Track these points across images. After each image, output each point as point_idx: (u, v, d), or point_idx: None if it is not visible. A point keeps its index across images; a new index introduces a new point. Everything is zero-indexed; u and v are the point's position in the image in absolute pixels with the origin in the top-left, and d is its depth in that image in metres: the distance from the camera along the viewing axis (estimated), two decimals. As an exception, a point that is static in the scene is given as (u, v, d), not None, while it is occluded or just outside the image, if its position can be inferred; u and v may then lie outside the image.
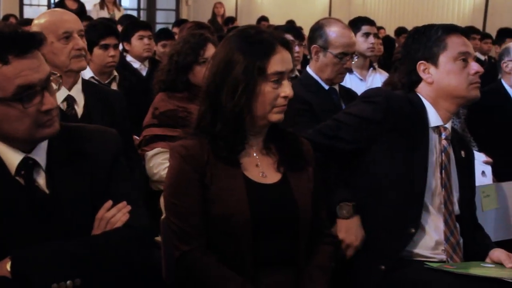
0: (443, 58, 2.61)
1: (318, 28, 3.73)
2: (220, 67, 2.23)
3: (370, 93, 2.70)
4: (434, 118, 2.64)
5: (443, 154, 2.60)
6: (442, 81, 2.62)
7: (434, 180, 2.56)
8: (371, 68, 5.19)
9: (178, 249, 2.21)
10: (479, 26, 11.53)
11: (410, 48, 2.72)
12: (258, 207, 2.20)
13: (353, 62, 3.77)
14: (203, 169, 2.20)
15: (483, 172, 3.78)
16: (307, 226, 2.29)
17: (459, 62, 2.59)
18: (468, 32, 2.72)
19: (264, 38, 2.24)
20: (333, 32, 3.67)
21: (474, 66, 2.59)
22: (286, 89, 2.23)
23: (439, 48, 2.62)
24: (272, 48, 2.22)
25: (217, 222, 2.19)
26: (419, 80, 2.68)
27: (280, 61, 2.23)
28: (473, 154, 2.84)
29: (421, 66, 2.66)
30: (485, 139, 4.35)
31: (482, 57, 9.35)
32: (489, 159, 3.93)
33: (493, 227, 2.98)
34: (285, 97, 2.24)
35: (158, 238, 2.45)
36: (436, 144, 2.61)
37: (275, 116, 2.25)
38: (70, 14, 3.18)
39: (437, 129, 2.64)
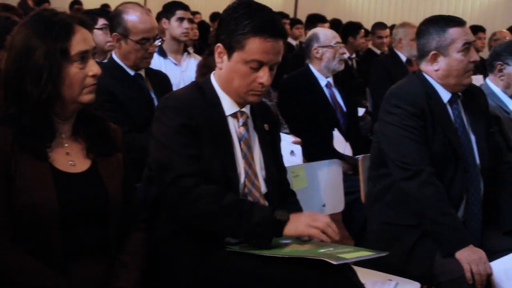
0: (236, 56, 2.46)
1: (116, 15, 3.66)
2: (19, 54, 2.13)
3: (167, 103, 2.52)
4: (228, 105, 2.56)
5: (241, 142, 2.57)
6: (227, 75, 2.51)
7: (238, 167, 2.53)
8: (186, 53, 5.22)
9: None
10: (290, 12, 11.94)
11: (219, 30, 2.56)
12: (66, 197, 2.14)
13: (157, 46, 3.74)
14: (7, 160, 2.10)
15: (292, 152, 3.93)
16: (117, 214, 2.27)
17: (249, 68, 2.45)
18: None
19: (61, 19, 2.17)
20: (131, 18, 3.59)
21: (263, 78, 2.46)
22: (93, 67, 2.19)
23: (237, 44, 2.45)
24: (71, 28, 2.15)
25: (24, 214, 2.10)
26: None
27: (82, 40, 2.17)
28: (278, 126, 2.84)
29: (218, 48, 2.53)
30: (295, 121, 4.52)
31: (294, 42, 9.69)
32: (298, 139, 4.11)
33: (302, 206, 3.08)
34: (93, 76, 2.19)
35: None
36: (236, 131, 2.58)
37: (86, 97, 2.20)
38: None
39: (235, 115, 2.59)
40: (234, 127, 2.58)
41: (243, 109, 2.60)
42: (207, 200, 2.37)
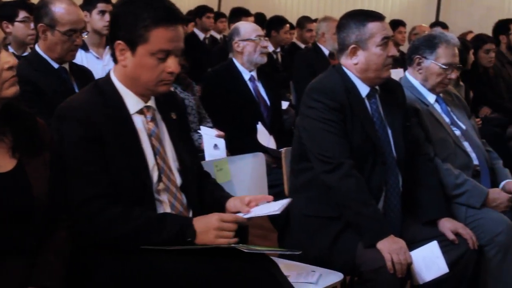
0: (141, 50, 2.42)
1: (42, 6, 3.60)
2: None
3: (65, 113, 2.42)
4: (133, 103, 2.51)
5: (152, 138, 2.53)
6: (133, 71, 2.46)
7: (150, 167, 2.49)
8: (108, 47, 5.14)
9: None
10: (214, 6, 11.91)
11: (116, 27, 2.49)
12: None
13: (84, 38, 3.71)
14: None
15: (215, 145, 3.93)
16: (42, 213, 2.21)
17: (156, 59, 2.43)
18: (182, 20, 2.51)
19: None
20: (59, 9, 3.56)
21: (172, 66, 2.45)
22: (8, 59, 2.12)
23: (140, 38, 2.41)
24: None
25: None
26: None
27: None
28: (185, 112, 2.79)
29: (119, 46, 2.46)
30: (218, 115, 4.52)
31: (218, 36, 9.68)
32: (221, 133, 4.11)
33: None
34: (10, 68, 2.12)
35: None
36: (145, 127, 2.53)
37: (10, 91, 2.13)
38: None
39: (141, 111, 2.54)
40: (143, 124, 2.53)
41: (149, 103, 2.55)
42: (114, 226, 2.34)
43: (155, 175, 2.49)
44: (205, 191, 2.71)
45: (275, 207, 2.51)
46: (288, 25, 8.59)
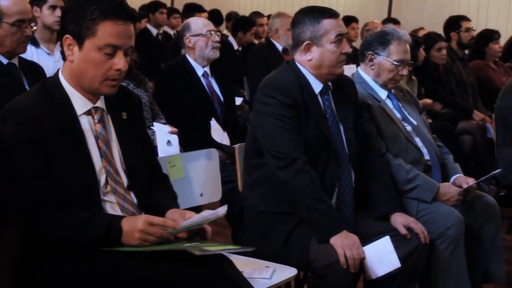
0: (88, 44, 2.36)
1: None
2: None
3: (8, 116, 2.36)
4: (80, 104, 2.46)
5: (98, 141, 2.48)
6: (80, 66, 2.40)
7: (96, 169, 2.44)
8: (59, 42, 5.06)
9: None
10: (167, 1, 11.83)
11: (65, 21, 2.43)
12: None
13: (33, 30, 3.64)
14: None
15: (168, 142, 3.92)
16: None
17: (103, 54, 2.36)
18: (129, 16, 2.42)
19: None
20: (4, 1, 3.48)
21: (120, 63, 2.38)
22: None
23: (87, 31, 2.35)
24: None
25: None
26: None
27: None
28: (138, 108, 2.68)
29: (67, 40, 2.39)
30: (171, 111, 4.50)
31: (171, 32, 9.63)
32: (174, 129, 4.10)
33: (179, 196, 3.08)
34: None
35: None
36: (92, 129, 2.48)
37: None
38: None
39: (89, 112, 2.48)
40: (90, 125, 2.47)
41: (97, 104, 2.50)
42: (47, 230, 2.30)
43: (103, 178, 2.45)
44: (153, 195, 2.64)
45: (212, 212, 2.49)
46: (254, 27, 8.66)
